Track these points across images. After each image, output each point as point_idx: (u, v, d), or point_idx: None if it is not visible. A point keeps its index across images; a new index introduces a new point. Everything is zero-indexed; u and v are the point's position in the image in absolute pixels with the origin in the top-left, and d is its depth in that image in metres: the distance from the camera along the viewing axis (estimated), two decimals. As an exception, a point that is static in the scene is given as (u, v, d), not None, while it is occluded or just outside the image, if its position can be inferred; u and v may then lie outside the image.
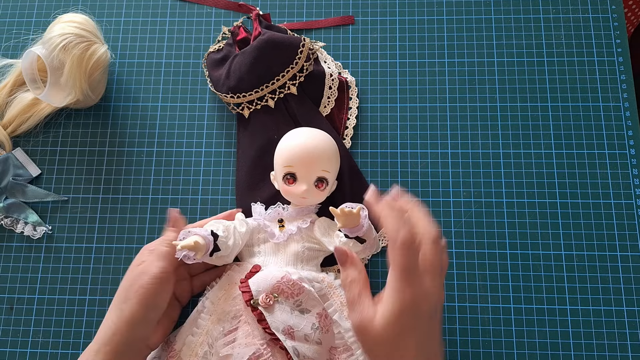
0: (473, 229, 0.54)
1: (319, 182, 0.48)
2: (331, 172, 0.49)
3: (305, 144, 0.48)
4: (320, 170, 0.48)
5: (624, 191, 0.54)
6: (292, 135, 0.49)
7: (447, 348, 0.51)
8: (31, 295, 0.54)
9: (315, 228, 0.49)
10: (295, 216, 0.50)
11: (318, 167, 0.48)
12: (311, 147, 0.48)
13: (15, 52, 0.61)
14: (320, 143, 0.48)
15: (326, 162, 0.48)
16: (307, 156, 0.47)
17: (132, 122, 0.59)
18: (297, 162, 0.48)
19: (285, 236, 0.48)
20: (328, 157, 0.48)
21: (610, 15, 0.60)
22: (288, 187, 0.48)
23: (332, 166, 0.49)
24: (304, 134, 0.49)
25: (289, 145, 0.49)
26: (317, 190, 0.48)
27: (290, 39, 0.55)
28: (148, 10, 0.63)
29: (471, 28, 0.60)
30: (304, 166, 0.47)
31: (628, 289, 0.52)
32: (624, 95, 0.57)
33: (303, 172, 0.48)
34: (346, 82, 0.58)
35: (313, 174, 0.48)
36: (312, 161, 0.47)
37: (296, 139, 0.49)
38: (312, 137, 0.49)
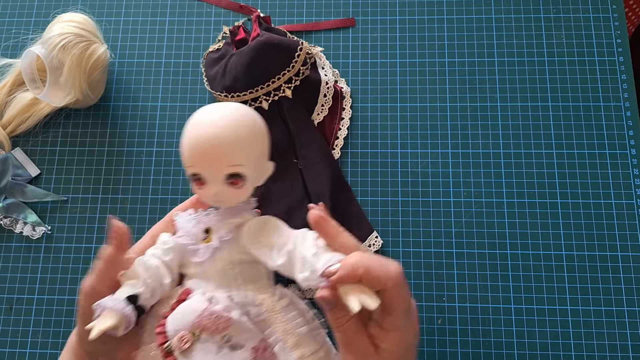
0: (473, 229, 0.54)
1: (232, 178, 0.36)
2: (246, 162, 0.37)
3: (203, 134, 0.36)
4: (227, 166, 0.36)
5: (625, 191, 0.54)
6: (191, 121, 0.37)
7: (447, 348, 0.51)
8: (31, 296, 0.54)
9: (242, 236, 0.37)
10: (222, 220, 0.38)
11: (223, 162, 0.36)
12: (210, 137, 0.35)
13: (14, 52, 0.61)
14: (223, 129, 0.36)
15: (234, 153, 0.36)
16: (205, 151, 0.36)
17: (131, 122, 0.59)
18: (196, 161, 0.36)
19: (208, 252, 0.37)
20: (236, 146, 0.36)
21: (611, 15, 0.60)
22: (199, 191, 0.38)
23: (246, 155, 0.37)
24: (204, 119, 0.37)
25: (186, 137, 0.37)
26: (232, 190, 0.37)
27: (288, 42, 0.55)
28: (148, 10, 0.63)
29: (471, 28, 0.60)
30: (205, 165, 0.36)
31: (628, 289, 0.51)
32: (624, 95, 0.57)
33: (206, 171, 0.36)
34: (341, 92, 0.58)
35: (220, 173, 0.36)
36: (214, 157, 0.36)
37: (194, 127, 0.37)
38: (213, 123, 0.36)
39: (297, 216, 0.54)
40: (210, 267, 0.38)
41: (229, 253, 0.38)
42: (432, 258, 0.53)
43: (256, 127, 0.38)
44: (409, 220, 0.54)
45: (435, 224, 0.54)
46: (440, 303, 0.52)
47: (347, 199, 0.54)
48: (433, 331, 0.51)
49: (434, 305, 0.52)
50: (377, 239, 0.53)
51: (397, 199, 0.55)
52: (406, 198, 0.55)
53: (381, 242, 0.53)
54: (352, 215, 0.54)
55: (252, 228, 0.38)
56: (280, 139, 0.56)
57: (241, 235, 0.38)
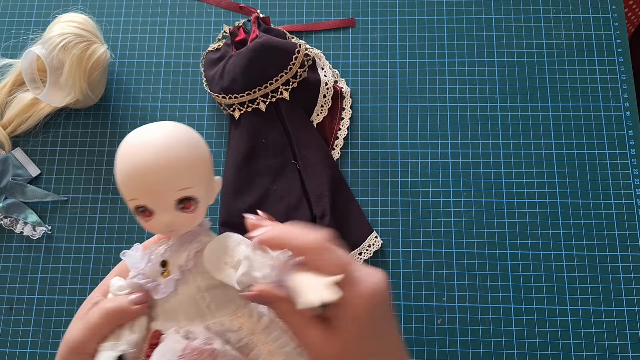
0: (473, 229, 0.54)
1: (183, 203, 0.33)
2: (196, 183, 0.34)
3: (142, 161, 0.32)
4: (175, 192, 0.33)
5: (624, 191, 0.54)
6: (124, 149, 0.33)
7: (447, 348, 0.51)
8: (31, 296, 0.54)
9: (204, 261, 0.35)
10: (179, 249, 0.35)
11: (170, 188, 0.33)
12: (151, 163, 0.32)
13: (14, 52, 0.61)
14: (163, 151, 0.33)
15: (181, 175, 0.33)
16: (148, 180, 0.32)
17: (131, 122, 0.59)
18: (139, 192, 0.33)
19: (170, 286, 0.34)
20: (182, 167, 0.33)
21: (611, 15, 0.60)
22: (147, 224, 0.34)
23: (193, 175, 0.34)
24: (139, 144, 0.33)
25: (122, 166, 0.33)
26: (185, 215, 0.34)
27: (286, 44, 0.55)
28: (148, 10, 0.63)
29: (471, 28, 0.60)
30: (150, 194, 0.33)
31: (628, 289, 0.51)
32: (624, 95, 0.57)
33: (153, 201, 0.33)
34: (341, 92, 0.58)
35: (169, 199, 0.33)
36: (159, 184, 0.32)
37: (129, 155, 0.33)
38: (151, 146, 0.33)
39: (296, 217, 0.54)
40: (176, 301, 0.35)
41: (193, 282, 0.34)
42: (432, 258, 0.53)
43: (198, 144, 0.35)
44: (409, 220, 0.54)
45: (435, 224, 0.54)
46: (440, 303, 0.52)
47: (346, 199, 0.54)
48: (433, 331, 0.51)
49: (434, 305, 0.52)
50: (377, 239, 0.53)
51: (397, 199, 0.55)
52: (406, 198, 0.55)
53: (381, 242, 0.53)
54: (352, 215, 0.54)
55: (213, 251, 0.34)
56: (278, 140, 0.56)
57: (202, 260, 0.34)
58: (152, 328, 0.35)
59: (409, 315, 0.52)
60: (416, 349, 0.51)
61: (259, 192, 0.55)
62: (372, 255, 0.53)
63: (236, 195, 0.54)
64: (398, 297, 0.52)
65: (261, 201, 0.54)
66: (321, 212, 0.53)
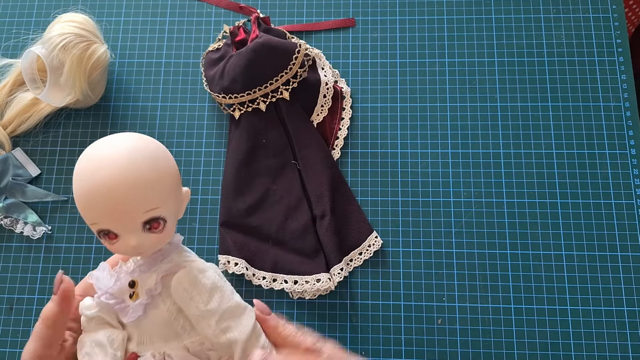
0: (473, 229, 0.54)
1: (151, 223, 0.31)
2: (163, 202, 0.32)
3: (101, 183, 0.29)
4: (142, 214, 0.31)
5: (625, 191, 0.54)
6: (82, 166, 0.31)
7: (447, 348, 0.51)
8: (31, 295, 0.54)
9: (172, 291, 0.33)
10: (148, 270, 0.33)
11: (136, 210, 0.30)
12: (112, 185, 0.29)
13: (15, 52, 0.61)
14: (125, 171, 0.30)
15: (146, 196, 0.31)
16: (110, 204, 0.30)
17: (131, 122, 0.59)
18: (101, 216, 0.30)
19: (139, 310, 0.32)
20: (146, 187, 0.30)
21: (611, 15, 0.60)
22: (112, 247, 0.32)
23: (160, 193, 0.31)
24: (97, 161, 0.31)
25: (81, 189, 0.31)
26: (154, 235, 0.32)
27: (286, 44, 0.55)
28: (148, 10, 0.63)
29: (471, 28, 0.60)
30: (114, 218, 0.30)
31: (628, 289, 0.51)
32: (624, 95, 0.57)
33: (118, 225, 0.31)
34: (341, 92, 0.58)
35: (135, 222, 0.31)
36: (123, 207, 0.30)
37: (87, 177, 0.30)
38: (110, 165, 0.30)
39: (295, 217, 0.54)
40: (149, 324, 0.33)
41: (164, 305, 0.33)
42: (432, 258, 0.53)
43: (163, 157, 0.32)
44: (409, 220, 0.54)
45: (435, 224, 0.54)
46: (440, 303, 0.52)
47: (346, 199, 0.54)
48: (433, 331, 0.51)
49: (434, 305, 0.52)
50: (377, 239, 0.53)
51: (397, 199, 0.55)
52: (406, 198, 0.55)
53: (381, 242, 0.53)
54: (352, 215, 0.54)
55: (183, 284, 0.32)
56: (278, 140, 0.56)
57: (171, 287, 0.33)
58: (128, 349, 0.34)
59: (409, 315, 0.52)
60: (416, 349, 0.51)
61: (259, 192, 0.55)
62: (372, 255, 0.53)
63: (236, 195, 0.54)
64: (398, 297, 0.52)
65: (261, 201, 0.54)
66: (321, 212, 0.53)
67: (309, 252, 0.52)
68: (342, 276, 0.51)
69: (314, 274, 0.51)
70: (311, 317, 0.52)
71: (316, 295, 0.52)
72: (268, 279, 0.52)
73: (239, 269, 0.51)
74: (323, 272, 0.51)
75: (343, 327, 0.51)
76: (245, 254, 0.53)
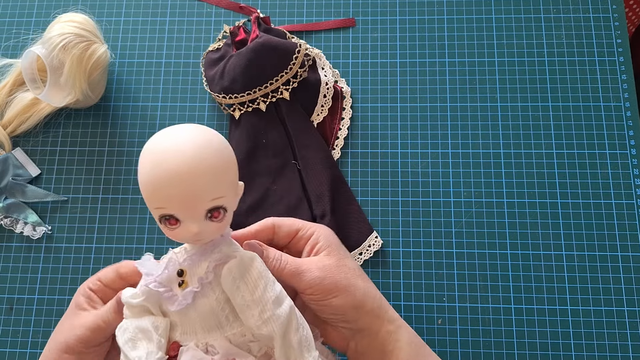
0: (473, 229, 0.54)
1: (213, 212, 0.32)
2: (227, 191, 0.33)
3: (173, 169, 0.31)
4: (208, 202, 0.32)
5: (625, 191, 0.54)
6: (151, 153, 0.32)
7: (447, 348, 0.51)
8: (31, 296, 0.54)
9: (222, 279, 0.33)
10: (199, 259, 0.34)
11: (203, 198, 0.32)
12: (184, 172, 0.31)
13: (15, 52, 0.61)
14: (196, 159, 0.31)
15: (214, 184, 0.32)
16: (180, 189, 0.31)
17: (132, 122, 0.59)
18: (169, 201, 0.31)
19: (188, 298, 0.33)
20: (215, 176, 0.32)
21: (611, 15, 0.60)
22: (172, 232, 0.33)
23: (225, 183, 0.33)
24: (168, 150, 0.31)
25: (150, 174, 0.32)
26: (214, 224, 0.33)
27: (286, 44, 0.55)
28: (148, 10, 0.63)
29: (471, 28, 0.60)
30: (181, 204, 0.31)
31: (628, 289, 0.51)
32: (624, 95, 0.57)
33: (183, 211, 0.32)
34: (341, 92, 0.58)
35: (200, 209, 0.32)
36: (191, 194, 0.31)
37: (158, 162, 0.31)
38: (181, 153, 0.31)
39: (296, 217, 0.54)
40: (194, 312, 0.33)
41: (212, 294, 0.33)
42: (432, 258, 0.53)
43: (226, 148, 0.34)
44: (409, 220, 0.54)
45: (435, 224, 0.54)
46: (440, 303, 0.52)
47: (346, 199, 0.54)
48: (433, 331, 0.51)
49: (434, 305, 0.52)
50: (377, 239, 0.53)
51: (397, 199, 0.55)
52: (406, 198, 0.55)
53: (381, 242, 0.53)
54: (352, 215, 0.54)
55: (233, 273, 0.33)
56: (278, 140, 0.56)
57: (221, 275, 0.33)
58: (171, 338, 0.34)
59: (409, 315, 0.51)
60: (416, 349, 0.50)
61: (259, 192, 0.55)
62: (372, 255, 0.53)
63: None
64: (398, 297, 0.52)
65: (261, 201, 0.54)
66: (321, 212, 0.53)
67: None
68: (342, 276, 0.51)
69: (314, 274, 0.51)
70: (311, 317, 0.52)
71: (316, 295, 0.52)
72: (268, 279, 0.52)
73: (239, 269, 0.51)
74: None
75: (343, 327, 0.51)
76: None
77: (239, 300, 0.33)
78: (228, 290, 0.33)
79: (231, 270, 0.33)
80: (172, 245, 0.36)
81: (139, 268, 0.34)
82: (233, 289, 0.33)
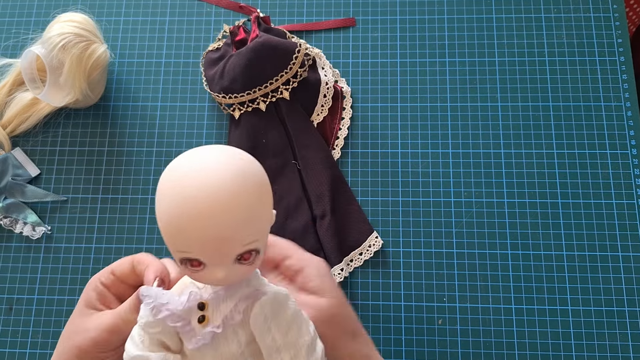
0: (473, 229, 0.54)
1: (244, 254, 0.28)
2: (261, 234, 0.29)
3: (206, 210, 0.26)
4: (241, 246, 0.27)
5: (625, 191, 0.54)
6: (172, 185, 0.27)
7: (447, 348, 0.51)
8: (31, 296, 0.54)
9: (252, 318, 0.29)
10: (225, 294, 0.30)
11: (237, 242, 0.27)
12: (218, 214, 0.26)
13: (14, 52, 0.61)
14: (230, 197, 0.26)
15: (249, 228, 0.27)
16: (212, 234, 0.26)
17: (131, 122, 0.58)
18: (194, 247, 0.27)
19: (207, 338, 0.29)
20: (250, 218, 0.27)
21: (612, 15, 0.60)
22: (195, 275, 0.29)
23: (260, 224, 0.28)
24: (193, 182, 0.26)
25: (176, 213, 0.26)
26: (244, 267, 0.28)
27: (286, 44, 0.55)
28: (148, 10, 0.63)
29: (471, 28, 0.60)
30: (209, 249, 0.27)
31: (629, 289, 0.51)
32: (625, 94, 0.57)
33: (211, 257, 0.27)
34: (341, 92, 0.58)
35: (230, 255, 0.27)
36: (224, 239, 0.27)
37: (181, 196, 0.26)
38: (211, 189, 0.26)
39: (296, 217, 0.54)
40: (211, 352, 0.30)
41: (234, 336, 0.30)
42: (432, 258, 0.53)
43: (263, 180, 0.28)
44: (409, 220, 0.54)
45: (435, 224, 0.54)
46: (440, 303, 0.52)
47: (347, 199, 0.54)
48: (433, 331, 0.51)
49: (434, 305, 0.52)
50: (377, 239, 0.53)
51: (397, 199, 0.55)
52: (406, 198, 0.55)
53: (381, 242, 0.53)
54: (352, 215, 0.54)
55: (265, 312, 0.29)
56: (278, 140, 0.56)
57: (250, 316, 0.29)
58: None
59: (409, 315, 0.51)
60: (417, 349, 0.50)
61: None
62: (372, 256, 0.53)
63: None
64: (398, 297, 0.52)
65: None
66: (321, 212, 0.53)
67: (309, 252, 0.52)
68: (343, 276, 0.51)
69: (314, 274, 0.51)
70: (311, 317, 0.52)
71: (316, 295, 0.52)
72: (268, 279, 0.52)
73: (238, 269, 0.51)
74: None
75: (343, 328, 0.51)
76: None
77: (268, 342, 0.29)
78: (258, 330, 0.29)
79: (263, 308, 0.29)
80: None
81: (145, 299, 0.30)
82: (264, 329, 0.29)
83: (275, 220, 0.31)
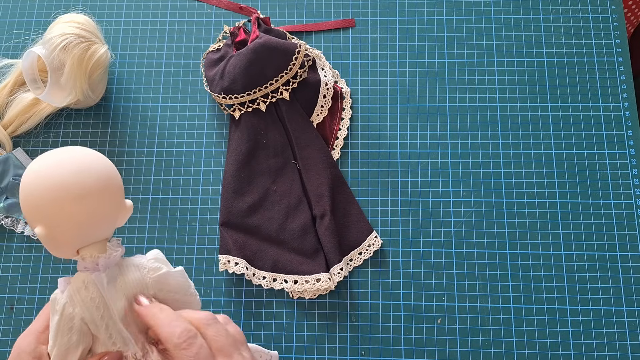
0: (473, 229, 0.54)
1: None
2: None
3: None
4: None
5: (624, 191, 0.54)
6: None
7: (447, 348, 0.51)
8: (31, 295, 0.54)
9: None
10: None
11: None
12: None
13: (15, 52, 0.61)
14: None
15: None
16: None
17: (132, 122, 0.59)
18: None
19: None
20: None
21: (610, 16, 0.60)
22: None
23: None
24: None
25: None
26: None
27: (285, 45, 0.55)
28: (148, 10, 0.63)
29: (471, 28, 0.60)
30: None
31: (628, 289, 0.52)
32: (623, 95, 0.57)
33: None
34: (341, 92, 0.58)
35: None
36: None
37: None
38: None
39: (295, 217, 0.54)
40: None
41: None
42: (432, 258, 0.53)
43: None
44: (409, 220, 0.54)
45: (435, 224, 0.54)
46: (440, 303, 0.52)
47: (346, 199, 0.54)
48: (433, 331, 0.51)
49: (434, 305, 0.52)
50: (377, 239, 0.53)
51: (397, 199, 0.55)
52: (406, 198, 0.55)
53: (381, 242, 0.53)
54: (352, 215, 0.54)
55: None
56: (278, 140, 0.56)
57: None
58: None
59: (409, 315, 0.52)
60: (416, 348, 0.51)
61: (259, 192, 0.55)
62: (372, 255, 0.53)
63: (236, 196, 0.54)
64: (398, 297, 0.52)
65: (261, 201, 0.55)
66: (321, 212, 0.53)
67: (309, 252, 0.53)
68: (342, 276, 0.51)
69: (314, 273, 0.51)
70: (311, 316, 0.52)
71: (316, 295, 0.52)
72: (268, 278, 0.52)
73: (239, 268, 0.52)
74: (323, 272, 0.51)
75: (343, 327, 0.52)
76: (246, 254, 0.53)
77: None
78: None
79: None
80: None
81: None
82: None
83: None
